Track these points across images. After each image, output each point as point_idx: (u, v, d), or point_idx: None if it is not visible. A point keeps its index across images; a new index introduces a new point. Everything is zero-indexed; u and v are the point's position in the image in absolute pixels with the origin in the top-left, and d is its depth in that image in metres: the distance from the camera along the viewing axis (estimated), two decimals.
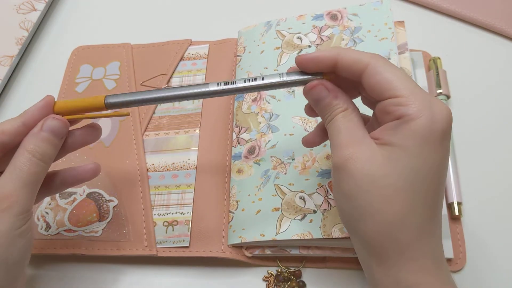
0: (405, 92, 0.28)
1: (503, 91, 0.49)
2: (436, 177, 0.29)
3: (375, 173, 0.28)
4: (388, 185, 0.28)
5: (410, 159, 0.28)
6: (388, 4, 0.47)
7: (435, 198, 0.29)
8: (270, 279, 0.40)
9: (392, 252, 0.28)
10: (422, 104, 0.28)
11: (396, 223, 0.28)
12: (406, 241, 0.28)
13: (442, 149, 0.28)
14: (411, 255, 0.28)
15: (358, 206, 0.29)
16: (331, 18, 0.48)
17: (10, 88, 0.55)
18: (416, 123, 0.28)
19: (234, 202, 0.42)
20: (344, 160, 0.29)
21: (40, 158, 0.31)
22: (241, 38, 0.51)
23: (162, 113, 0.49)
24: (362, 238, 0.30)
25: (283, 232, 0.38)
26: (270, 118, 0.44)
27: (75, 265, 0.43)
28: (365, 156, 0.29)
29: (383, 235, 0.28)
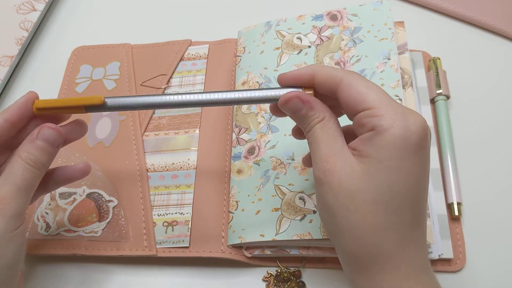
0: (377, 104, 0.28)
1: (503, 91, 0.49)
2: (415, 187, 0.29)
3: (353, 187, 0.28)
4: (365, 200, 0.28)
5: (387, 172, 0.28)
6: (388, 4, 0.47)
7: (416, 208, 0.29)
8: (270, 279, 0.40)
9: (374, 264, 0.29)
10: (395, 115, 0.28)
11: (375, 236, 0.28)
12: (387, 253, 0.28)
13: (419, 160, 0.28)
14: (393, 265, 0.29)
15: (338, 221, 0.29)
16: (331, 18, 0.48)
17: (10, 88, 0.55)
18: (390, 133, 0.27)
19: (233, 202, 0.42)
20: (324, 173, 0.29)
21: (34, 165, 0.32)
22: (241, 38, 0.51)
23: (162, 113, 0.49)
24: (344, 251, 0.30)
25: (282, 232, 0.38)
26: (270, 118, 0.44)
27: (75, 265, 0.43)
28: (343, 170, 0.29)
29: (363, 249, 0.29)
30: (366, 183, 0.28)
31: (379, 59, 0.44)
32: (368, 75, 0.44)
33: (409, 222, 0.29)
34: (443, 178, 0.43)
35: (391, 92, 0.42)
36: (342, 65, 0.45)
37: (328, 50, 0.46)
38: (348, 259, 0.30)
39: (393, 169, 0.28)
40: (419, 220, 0.30)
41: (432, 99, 0.47)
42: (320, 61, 0.46)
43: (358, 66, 0.45)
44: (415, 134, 0.28)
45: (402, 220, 0.29)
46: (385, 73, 0.43)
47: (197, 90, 0.50)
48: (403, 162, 0.28)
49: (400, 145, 0.27)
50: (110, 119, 0.49)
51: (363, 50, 0.45)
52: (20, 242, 0.32)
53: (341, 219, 0.29)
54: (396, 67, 0.43)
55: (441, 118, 0.46)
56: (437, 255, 0.39)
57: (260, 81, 0.46)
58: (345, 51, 0.46)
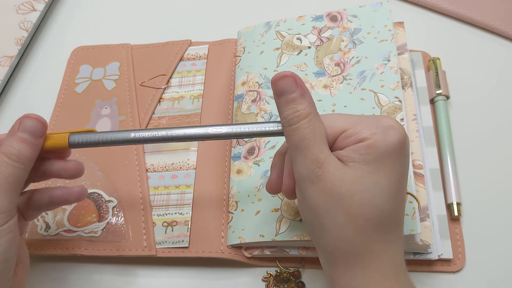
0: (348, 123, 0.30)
1: (503, 92, 0.49)
2: (397, 190, 0.30)
3: (344, 191, 0.29)
4: (355, 203, 0.29)
5: (374, 174, 0.29)
6: (387, 6, 0.47)
7: (398, 210, 0.30)
8: (270, 280, 0.40)
9: (357, 263, 0.29)
10: (371, 126, 0.29)
11: (361, 237, 0.29)
12: (371, 252, 0.29)
13: (400, 161, 0.30)
14: (376, 265, 0.29)
15: (324, 222, 0.29)
16: (330, 19, 0.48)
17: (10, 88, 0.55)
18: (374, 140, 0.29)
19: (233, 202, 0.42)
20: (316, 177, 0.29)
21: (17, 160, 0.31)
22: (241, 38, 0.51)
23: (162, 113, 0.49)
24: (326, 251, 0.31)
25: (282, 233, 0.38)
26: (270, 118, 0.44)
27: (74, 266, 0.43)
28: (335, 175, 0.29)
29: (348, 249, 0.29)
30: (356, 186, 0.29)
31: (379, 61, 0.44)
32: (368, 76, 0.44)
33: (392, 223, 0.30)
34: (442, 179, 0.43)
35: (391, 93, 0.42)
36: (342, 66, 0.45)
37: (328, 51, 0.46)
38: (330, 259, 0.31)
39: (379, 171, 0.29)
40: (400, 221, 0.31)
41: (431, 99, 0.47)
42: (320, 62, 0.46)
43: (358, 67, 0.45)
44: (394, 138, 0.29)
45: (387, 221, 0.30)
46: (385, 75, 0.43)
47: (197, 90, 0.50)
48: (387, 164, 0.29)
49: (384, 150, 0.29)
50: (110, 119, 0.49)
51: (363, 51, 0.45)
52: (9, 237, 0.31)
53: (328, 221, 0.29)
54: (395, 69, 0.43)
55: (440, 118, 0.46)
56: (437, 255, 0.39)
57: (260, 81, 0.46)
58: (345, 52, 0.46)
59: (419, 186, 0.39)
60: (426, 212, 0.38)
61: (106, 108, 0.50)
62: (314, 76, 0.45)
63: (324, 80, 0.45)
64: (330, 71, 0.45)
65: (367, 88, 0.43)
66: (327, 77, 0.45)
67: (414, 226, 0.36)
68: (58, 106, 0.51)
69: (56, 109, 0.51)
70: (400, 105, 0.42)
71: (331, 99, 0.44)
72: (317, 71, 0.46)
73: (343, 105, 0.43)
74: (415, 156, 0.41)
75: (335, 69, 0.45)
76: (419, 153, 0.41)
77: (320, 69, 0.46)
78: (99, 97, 0.51)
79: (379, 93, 0.43)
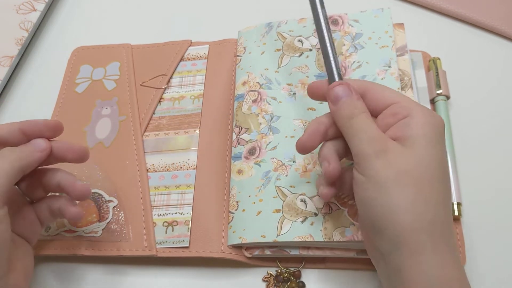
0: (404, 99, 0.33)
1: (503, 92, 0.49)
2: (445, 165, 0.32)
3: (407, 164, 0.30)
4: (419, 176, 0.30)
5: (430, 148, 0.30)
6: (388, 12, 0.47)
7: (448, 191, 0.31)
8: (270, 280, 0.40)
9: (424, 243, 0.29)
10: (423, 108, 0.32)
11: (432, 211, 0.29)
12: (440, 231, 0.29)
13: (443, 142, 0.32)
14: (443, 247, 0.29)
15: (392, 198, 0.29)
16: (332, 23, 0.48)
17: (10, 88, 0.55)
18: (424, 116, 0.31)
19: (234, 202, 0.42)
20: (381, 149, 0.31)
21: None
22: (241, 38, 0.51)
23: (162, 113, 0.49)
24: (390, 233, 0.29)
25: (284, 234, 0.38)
26: (271, 119, 0.44)
27: (75, 266, 0.43)
28: (395, 150, 0.30)
29: (416, 225, 0.29)
30: (418, 159, 0.30)
31: (379, 66, 0.45)
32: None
33: (448, 200, 0.31)
34: None
35: None
36: (344, 70, 0.45)
37: None
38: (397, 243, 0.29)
39: (432, 146, 0.31)
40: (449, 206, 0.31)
41: (432, 100, 0.47)
42: (322, 65, 0.46)
43: (359, 72, 0.45)
44: (440, 121, 0.32)
45: (446, 196, 0.31)
46: (385, 80, 0.44)
47: (197, 90, 0.50)
48: (436, 142, 0.31)
49: (433, 126, 0.31)
50: (110, 119, 0.49)
51: (364, 56, 0.45)
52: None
53: (399, 195, 0.29)
54: (396, 75, 0.44)
55: None
56: None
57: (260, 81, 0.46)
58: (347, 56, 0.46)
59: None
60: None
61: (106, 108, 0.50)
62: (315, 78, 0.45)
63: None
64: None
65: None
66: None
67: None
68: (59, 106, 0.51)
69: (56, 109, 0.51)
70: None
71: None
72: (318, 74, 0.46)
73: None
74: None
75: None
76: None
77: (322, 72, 0.46)
78: (99, 97, 0.51)
79: None
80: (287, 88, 0.46)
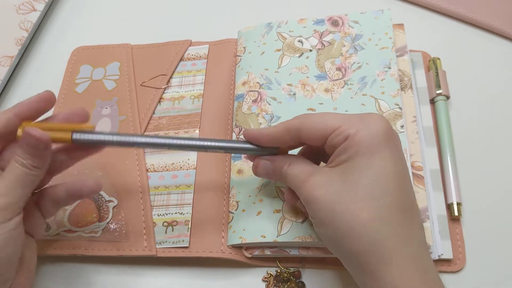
0: (337, 123, 0.32)
1: (503, 92, 0.49)
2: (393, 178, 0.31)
3: (336, 193, 0.31)
4: (352, 199, 0.30)
5: (365, 169, 0.30)
6: (388, 14, 0.48)
7: (404, 201, 0.31)
8: (270, 280, 0.40)
9: (380, 263, 0.29)
10: (355, 123, 0.32)
11: (373, 232, 0.29)
12: (389, 249, 0.29)
13: (390, 152, 0.31)
14: (398, 263, 0.29)
15: (335, 227, 0.31)
16: (332, 23, 0.48)
17: (10, 88, 0.55)
18: (355, 137, 0.31)
19: (234, 202, 0.42)
20: (307, 194, 0.32)
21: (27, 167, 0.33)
22: (241, 38, 0.51)
23: (162, 113, 0.49)
24: (349, 258, 0.31)
25: (284, 234, 0.38)
26: (271, 119, 0.44)
27: (75, 266, 0.43)
28: (322, 182, 0.32)
29: (366, 248, 0.29)
30: (347, 184, 0.31)
31: (379, 67, 0.45)
32: (369, 82, 0.44)
33: (402, 216, 0.30)
34: (442, 179, 0.43)
35: (392, 100, 0.43)
36: (343, 71, 0.45)
37: (329, 55, 0.47)
38: (355, 265, 0.31)
39: (367, 166, 0.30)
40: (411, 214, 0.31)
41: (432, 99, 0.47)
42: (322, 65, 0.46)
43: (359, 73, 0.45)
44: (377, 130, 0.31)
45: (395, 212, 0.30)
46: (385, 82, 0.44)
47: (197, 90, 0.50)
48: (375, 157, 0.31)
49: (368, 144, 0.31)
50: (110, 119, 0.49)
51: (364, 57, 0.46)
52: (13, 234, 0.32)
53: (338, 224, 0.30)
54: (396, 77, 0.44)
55: (441, 118, 0.46)
56: (437, 256, 0.39)
57: (260, 81, 0.47)
58: (346, 57, 0.46)
59: (418, 187, 0.40)
60: (425, 213, 0.38)
61: (106, 108, 0.50)
62: (315, 79, 0.45)
63: (325, 84, 0.45)
64: (331, 75, 0.45)
65: (368, 94, 0.44)
66: (328, 81, 0.45)
67: None
68: (59, 106, 0.51)
69: (56, 109, 0.51)
70: (400, 112, 0.42)
71: (332, 103, 0.44)
72: (318, 75, 0.46)
73: (344, 109, 0.43)
74: (414, 157, 0.41)
75: (336, 74, 0.45)
76: (418, 155, 0.41)
77: (322, 73, 0.46)
78: (99, 97, 0.51)
79: (380, 99, 0.43)
80: (287, 88, 0.46)
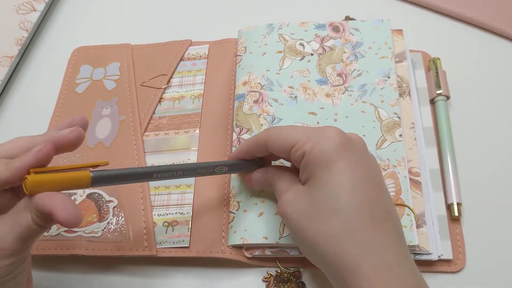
0: (296, 137, 0.33)
1: (503, 92, 0.49)
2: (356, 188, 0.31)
3: (302, 210, 0.32)
4: (313, 216, 0.31)
5: (320, 184, 0.31)
6: (388, 24, 0.48)
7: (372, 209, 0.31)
8: (270, 280, 0.40)
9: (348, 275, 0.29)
10: (311, 138, 0.33)
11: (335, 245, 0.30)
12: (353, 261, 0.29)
13: (346, 162, 0.31)
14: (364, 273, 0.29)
15: (305, 245, 0.33)
16: (333, 29, 0.49)
17: (10, 88, 0.55)
18: (311, 153, 0.32)
19: (235, 202, 0.42)
20: (280, 210, 0.34)
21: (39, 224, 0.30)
22: (242, 38, 0.51)
23: (162, 113, 0.49)
24: (323, 269, 0.33)
25: (286, 236, 0.38)
26: (273, 121, 0.44)
27: (75, 266, 0.43)
28: (291, 199, 0.33)
29: (331, 261, 0.30)
30: (309, 199, 0.32)
31: (379, 76, 0.45)
32: (369, 90, 0.45)
33: (370, 225, 0.30)
34: (442, 179, 0.43)
35: (391, 109, 0.43)
36: (344, 77, 0.46)
37: (330, 61, 0.47)
38: (330, 277, 0.32)
39: (327, 179, 0.31)
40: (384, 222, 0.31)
41: (432, 100, 0.47)
42: (323, 70, 0.46)
43: (360, 80, 0.45)
44: (329, 144, 0.32)
45: (360, 222, 0.30)
46: (385, 91, 0.44)
47: (197, 90, 0.50)
48: (330, 170, 0.31)
49: (323, 159, 0.32)
50: (110, 119, 0.49)
51: (364, 65, 0.46)
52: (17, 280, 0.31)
53: (306, 241, 0.32)
54: (395, 86, 0.44)
55: (441, 119, 0.46)
56: (437, 256, 0.39)
57: (262, 82, 0.47)
58: (347, 64, 0.46)
59: (416, 193, 0.40)
60: (423, 218, 0.39)
61: (106, 108, 0.50)
62: (316, 83, 0.46)
63: (326, 89, 0.45)
64: (332, 80, 0.46)
65: (368, 102, 0.44)
66: (329, 86, 0.45)
67: (412, 237, 0.37)
68: (59, 106, 0.51)
69: (56, 109, 0.51)
70: (398, 121, 0.43)
71: (333, 108, 0.44)
72: (319, 79, 0.46)
73: (345, 115, 0.44)
74: (412, 163, 0.42)
75: (337, 79, 0.46)
76: (416, 161, 0.42)
77: (323, 78, 0.46)
78: (99, 97, 0.51)
79: (379, 107, 0.44)
80: (289, 90, 0.46)
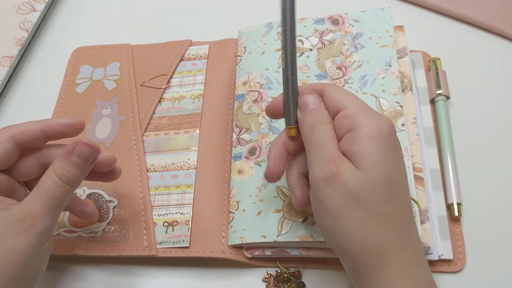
0: (352, 104, 0.32)
1: (503, 92, 0.49)
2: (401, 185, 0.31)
3: (357, 187, 0.29)
4: (369, 198, 0.29)
5: (374, 166, 0.29)
6: (389, 12, 0.48)
7: (405, 206, 0.31)
8: (270, 280, 0.40)
9: (380, 264, 0.29)
10: (368, 114, 0.31)
11: (381, 233, 0.29)
12: (391, 250, 0.29)
13: (394, 151, 0.31)
14: (397, 264, 0.29)
15: (344, 223, 0.30)
16: (332, 22, 0.48)
17: (10, 88, 0.55)
18: (368, 128, 0.30)
19: (234, 202, 0.42)
20: (330, 176, 0.30)
21: (67, 182, 0.32)
22: (241, 38, 0.51)
23: (162, 113, 0.49)
24: (346, 255, 0.31)
25: (284, 234, 0.38)
26: (272, 119, 0.44)
27: (75, 266, 0.43)
28: (346, 172, 0.30)
29: (367, 249, 0.29)
30: (364, 181, 0.29)
31: (380, 66, 0.45)
32: (369, 81, 0.44)
33: (404, 221, 0.30)
34: (443, 179, 0.43)
35: (392, 98, 0.43)
36: (344, 69, 0.45)
37: (329, 54, 0.46)
38: (353, 265, 0.30)
39: (380, 160, 0.30)
40: (411, 220, 0.31)
41: (432, 100, 0.47)
42: (322, 64, 0.46)
43: (360, 71, 0.45)
44: (387, 128, 0.30)
45: (397, 218, 0.30)
46: (386, 80, 0.44)
47: (197, 90, 0.50)
48: (384, 153, 0.30)
49: (379, 139, 0.30)
50: (110, 119, 0.49)
51: (365, 56, 0.45)
52: (46, 256, 0.33)
53: (347, 221, 0.29)
54: (396, 75, 0.44)
55: (441, 119, 0.46)
56: (437, 256, 0.39)
57: (261, 81, 0.46)
58: (347, 56, 0.46)
59: (419, 189, 0.40)
60: (426, 214, 0.38)
61: (106, 108, 0.50)
62: (316, 78, 0.45)
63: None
64: (332, 74, 0.45)
65: (368, 93, 0.43)
66: (329, 80, 0.45)
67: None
68: (59, 106, 0.51)
69: (56, 109, 0.51)
70: (401, 110, 0.42)
71: None
72: (318, 74, 0.46)
73: None
74: (415, 159, 0.41)
75: (336, 73, 0.45)
76: (418, 156, 0.41)
77: (322, 72, 0.46)
78: (99, 97, 0.51)
79: (381, 97, 0.43)
80: None
